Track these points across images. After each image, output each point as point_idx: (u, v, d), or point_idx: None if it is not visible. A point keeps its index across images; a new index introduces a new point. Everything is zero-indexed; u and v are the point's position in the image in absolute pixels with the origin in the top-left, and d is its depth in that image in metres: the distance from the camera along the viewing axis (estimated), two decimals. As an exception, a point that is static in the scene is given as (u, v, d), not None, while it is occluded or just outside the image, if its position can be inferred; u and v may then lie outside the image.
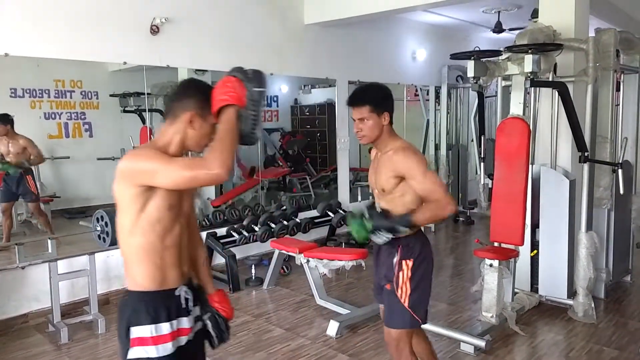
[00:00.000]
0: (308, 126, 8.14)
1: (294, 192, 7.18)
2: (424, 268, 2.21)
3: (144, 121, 5.26)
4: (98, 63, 4.52)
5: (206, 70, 5.35)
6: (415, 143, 7.80)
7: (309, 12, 5.63)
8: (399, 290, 2.18)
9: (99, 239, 4.44)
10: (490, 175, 3.94)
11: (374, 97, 2.18)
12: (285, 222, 5.09)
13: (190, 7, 4.64)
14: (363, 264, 3.88)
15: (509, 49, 3.63)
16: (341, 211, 5.72)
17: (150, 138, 5.29)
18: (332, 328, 3.58)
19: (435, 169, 7.65)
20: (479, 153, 4.31)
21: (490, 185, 4.01)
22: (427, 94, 7.75)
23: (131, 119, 5.35)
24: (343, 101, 6.34)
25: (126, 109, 5.52)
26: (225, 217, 5.31)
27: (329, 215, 5.63)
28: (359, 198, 6.74)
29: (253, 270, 4.71)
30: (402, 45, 7.07)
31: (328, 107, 7.52)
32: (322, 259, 3.90)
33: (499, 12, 6.39)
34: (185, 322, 1.61)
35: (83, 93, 5.69)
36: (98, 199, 5.70)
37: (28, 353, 3.38)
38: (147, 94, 4.96)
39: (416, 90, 7.76)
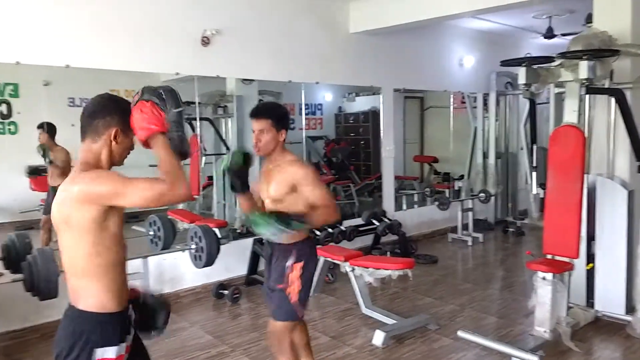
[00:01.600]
0: (352, 134, 8.15)
1: (337, 200, 7.19)
2: (310, 269, 2.53)
3: (193, 129, 5.41)
4: (152, 73, 4.69)
5: (253, 80, 5.48)
6: (462, 151, 7.69)
7: (355, 21, 5.65)
8: (289, 288, 2.47)
9: (152, 242, 4.60)
10: (542, 185, 3.83)
11: (276, 113, 2.44)
12: (330, 230, 5.10)
13: (239, 19, 4.76)
14: (409, 274, 3.83)
15: (563, 55, 3.53)
16: (386, 220, 5.68)
17: (199, 145, 5.44)
18: (378, 338, 3.56)
19: (484, 177, 7.50)
20: (530, 162, 4.19)
21: (542, 196, 3.90)
22: (475, 101, 7.61)
23: (181, 127, 5.51)
24: (388, 109, 6.33)
25: (176, 118, 5.70)
26: (271, 224, 5.36)
27: (374, 224, 5.60)
28: (404, 206, 6.68)
29: (298, 278, 4.73)
30: (448, 52, 6.98)
31: (372, 115, 7.51)
32: (367, 268, 3.88)
33: (550, 17, 6.22)
34: (129, 340, 1.66)
35: (137, 103, 5.93)
36: (153, 205, 5.92)
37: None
38: (198, 103, 5.10)
39: (463, 98, 7.64)
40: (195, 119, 5.25)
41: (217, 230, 4.42)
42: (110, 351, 1.55)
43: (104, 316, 1.56)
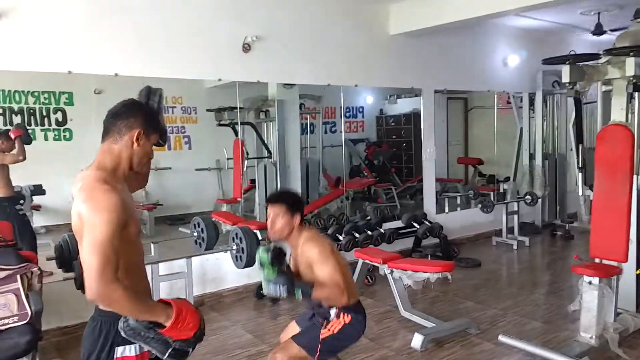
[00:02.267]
0: (394, 136, 8.11)
1: (378, 203, 7.17)
2: (351, 332, 2.48)
3: (236, 134, 5.56)
4: (196, 80, 4.86)
5: (294, 85, 5.56)
6: (508, 153, 7.50)
7: (395, 23, 5.63)
8: (325, 328, 2.46)
9: (196, 243, 4.76)
10: (592, 187, 3.69)
11: (289, 199, 2.51)
12: (369, 232, 5.10)
13: (279, 25, 4.85)
14: (449, 277, 3.78)
15: (609, 51, 3.39)
16: (427, 222, 5.62)
17: (242, 150, 5.58)
18: (417, 341, 3.53)
19: (530, 179, 7.29)
20: (577, 163, 4.05)
21: (592, 198, 3.76)
22: (521, 101, 7.41)
23: (224, 132, 5.67)
24: (429, 110, 6.26)
25: (221, 122, 5.87)
26: (311, 226, 5.44)
27: (414, 226, 5.55)
28: (446, 209, 6.58)
29: (338, 279, 4.76)
30: (492, 51, 6.84)
31: (414, 117, 7.44)
32: (406, 270, 3.86)
33: (598, 13, 5.97)
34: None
35: (183, 108, 6.16)
36: (196, 207, 6.11)
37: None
38: (240, 108, 5.23)
39: (508, 98, 7.46)
40: (237, 124, 5.39)
41: (257, 232, 4.52)
42: (130, 349, 1.57)
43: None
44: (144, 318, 1.51)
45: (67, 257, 3.59)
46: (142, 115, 1.66)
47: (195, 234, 4.71)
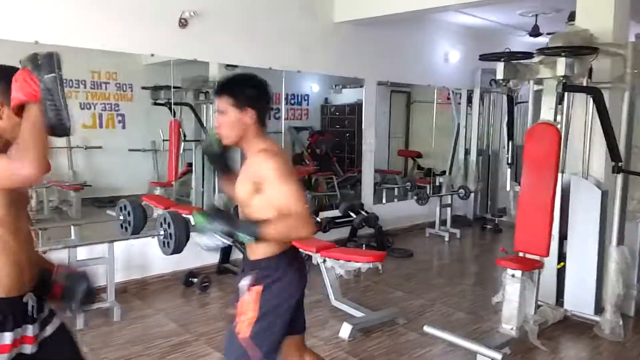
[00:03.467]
0: (337, 126, 8.09)
1: (319, 191, 7.14)
2: (280, 296, 1.86)
3: (174, 114, 5.32)
4: (133, 56, 4.58)
5: (236, 66, 5.38)
6: (445, 147, 7.67)
7: (339, 10, 5.57)
8: (239, 319, 1.87)
9: (122, 227, 4.51)
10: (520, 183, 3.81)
11: (238, 88, 1.86)
12: (305, 221, 5.04)
13: (219, 1, 4.65)
14: (380, 267, 3.79)
15: (541, 51, 3.49)
16: (363, 212, 5.64)
17: (178, 131, 5.36)
18: (345, 330, 3.52)
19: (464, 173, 7.49)
20: (507, 159, 4.17)
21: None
22: (459, 98, 7.59)
23: (162, 112, 5.42)
24: (371, 101, 6.27)
25: (157, 102, 5.60)
26: (246, 213, 5.32)
27: (351, 216, 5.56)
28: (384, 200, 6.65)
29: (270, 268, 4.68)
30: (434, 46, 6.94)
31: (358, 108, 7.43)
32: (338, 260, 3.84)
33: (536, 15, 6.18)
34: (30, 330, 1.56)
35: (118, 85, 5.83)
36: (128, 190, 5.82)
37: (44, 336, 3.44)
38: (177, 87, 5.00)
39: (448, 94, 7.61)
40: (174, 104, 5.17)
41: (190, 218, 4.35)
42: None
43: None
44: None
45: None
46: (2, 84, 1.45)
47: (122, 217, 4.46)
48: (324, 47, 5.56)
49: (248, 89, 1.87)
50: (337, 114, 8.12)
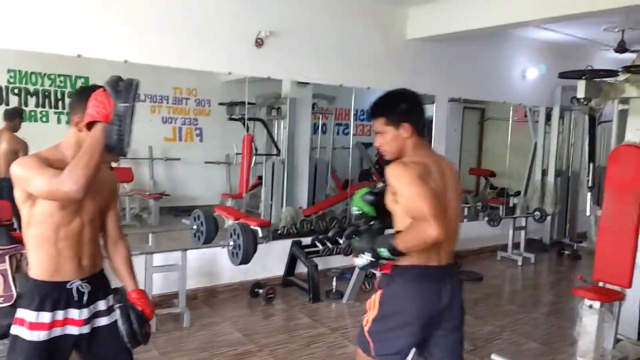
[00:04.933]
0: (407, 142, 8.00)
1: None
2: (393, 308, 1.92)
3: (247, 129, 5.52)
4: (212, 73, 4.83)
5: (308, 83, 5.51)
6: (520, 166, 7.37)
7: (412, 27, 5.54)
8: (367, 312, 2.01)
9: (194, 236, 4.72)
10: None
11: (389, 106, 1.94)
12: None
13: (293, 21, 4.79)
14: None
15: (627, 68, 3.29)
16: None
17: (251, 145, 5.56)
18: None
19: (541, 195, 7.14)
20: (588, 181, 3.94)
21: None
22: (537, 115, 7.27)
23: (236, 127, 5.65)
24: (441, 118, 6.17)
25: (232, 117, 5.84)
26: (313, 227, 5.38)
27: (418, 235, 5.45)
28: (453, 220, 6.46)
29: (334, 283, 4.69)
30: (511, 62, 6.71)
31: (429, 124, 7.34)
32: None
33: (622, 30, 5.81)
34: (75, 314, 1.70)
35: (197, 101, 6.17)
36: (203, 200, 6.10)
37: (121, 336, 3.65)
38: (251, 103, 5.19)
39: (525, 111, 7.32)
40: (248, 119, 5.35)
41: (259, 229, 4.47)
42: (27, 314, 1.64)
43: (34, 282, 1.67)
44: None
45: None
46: (84, 101, 1.61)
47: (195, 227, 4.67)
48: (395, 64, 5.55)
49: (400, 105, 1.94)
50: (407, 130, 8.05)
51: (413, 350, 1.91)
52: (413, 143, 1.92)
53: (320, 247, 4.86)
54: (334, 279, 4.72)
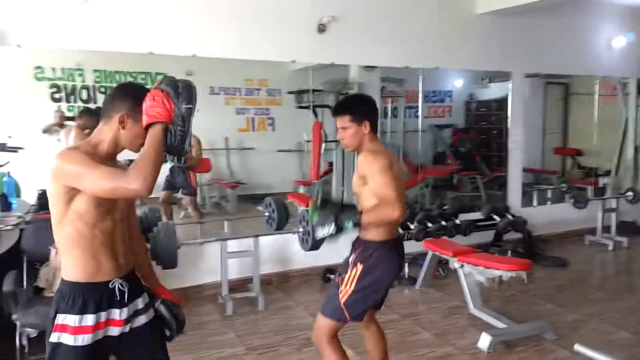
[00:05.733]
0: (483, 123, 7.68)
1: (460, 192, 6.84)
2: (375, 278, 2.27)
3: (316, 116, 5.54)
4: (281, 63, 4.87)
5: (375, 67, 5.41)
6: (610, 144, 6.83)
7: (482, 1, 5.26)
8: (342, 287, 2.29)
9: (267, 223, 4.82)
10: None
11: (354, 107, 2.32)
12: (443, 223, 4.86)
13: (356, 4, 4.71)
14: (524, 277, 3.51)
15: None
16: (509, 215, 5.26)
17: (320, 133, 5.57)
18: (484, 341, 3.31)
19: (634, 174, 6.56)
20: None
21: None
22: (627, 88, 6.66)
23: (307, 114, 5.69)
24: (519, 95, 5.85)
25: (300, 105, 5.89)
26: (385, 213, 5.31)
27: (494, 219, 5.22)
28: (535, 202, 6.12)
29: (406, 269, 4.61)
30: (594, 32, 6.17)
31: (506, 103, 6.98)
32: (477, 266, 3.64)
33: None
34: (116, 314, 1.65)
35: (268, 91, 6.27)
36: (277, 187, 6.22)
37: (199, 319, 3.83)
38: (318, 90, 5.19)
39: (614, 84, 6.73)
40: (317, 106, 5.36)
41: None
42: (69, 318, 1.60)
43: (71, 285, 1.62)
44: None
45: (146, 228, 3.79)
46: (131, 99, 1.61)
47: (267, 213, 4.77)
48: (465, 40, 5.31)
49: (362, 106, 2.33)
50: (483, 110, 7.70)
51: None
52: (370, 137, 2.30)
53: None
54: (407, 265, 4.64)
